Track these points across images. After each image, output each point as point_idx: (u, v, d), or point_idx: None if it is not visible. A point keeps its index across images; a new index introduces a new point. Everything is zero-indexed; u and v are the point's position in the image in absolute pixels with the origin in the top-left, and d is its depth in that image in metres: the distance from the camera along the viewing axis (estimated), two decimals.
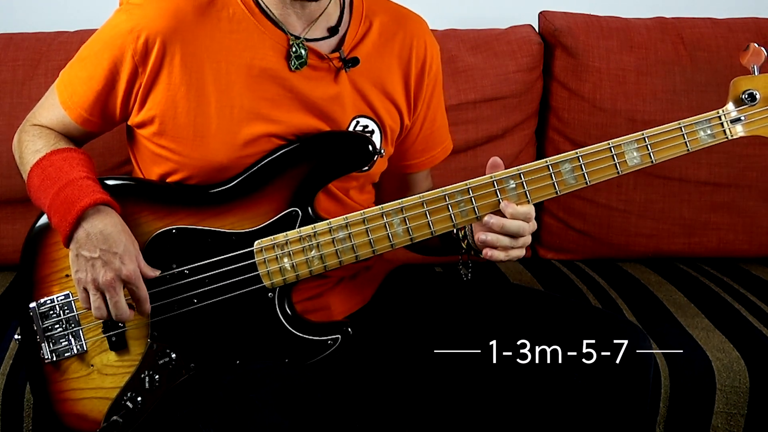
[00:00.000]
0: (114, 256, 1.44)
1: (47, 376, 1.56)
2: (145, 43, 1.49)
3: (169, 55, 1.50)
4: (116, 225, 1.46)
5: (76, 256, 1.47)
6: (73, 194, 1.46)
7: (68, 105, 1.58)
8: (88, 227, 1.45)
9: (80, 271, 1.46)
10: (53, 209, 1.48)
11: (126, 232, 1.47)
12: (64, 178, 1.49)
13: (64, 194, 1.47)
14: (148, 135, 1.56)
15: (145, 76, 1.51)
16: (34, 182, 1.53)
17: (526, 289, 1.83)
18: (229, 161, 1.52)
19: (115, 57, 1.51)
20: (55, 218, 1.47)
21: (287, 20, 1.54)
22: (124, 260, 1.45)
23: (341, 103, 1.58)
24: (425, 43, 1.68)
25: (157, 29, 1.49)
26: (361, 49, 1.60)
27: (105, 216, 1.46)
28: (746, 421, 1.80)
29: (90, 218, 1.45)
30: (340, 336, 1.53)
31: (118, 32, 1.52)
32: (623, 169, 1.50)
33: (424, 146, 1.75)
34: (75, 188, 1.47)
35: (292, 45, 1.53)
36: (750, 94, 1.51)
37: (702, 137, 1.52)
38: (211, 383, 1.49)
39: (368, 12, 1.63)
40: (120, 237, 1.45)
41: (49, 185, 1.49)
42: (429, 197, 1.49)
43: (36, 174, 1.53)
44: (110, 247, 1.44)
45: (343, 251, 1.50)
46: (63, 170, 1.51)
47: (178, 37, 1.50)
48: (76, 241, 1.46)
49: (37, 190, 1.52)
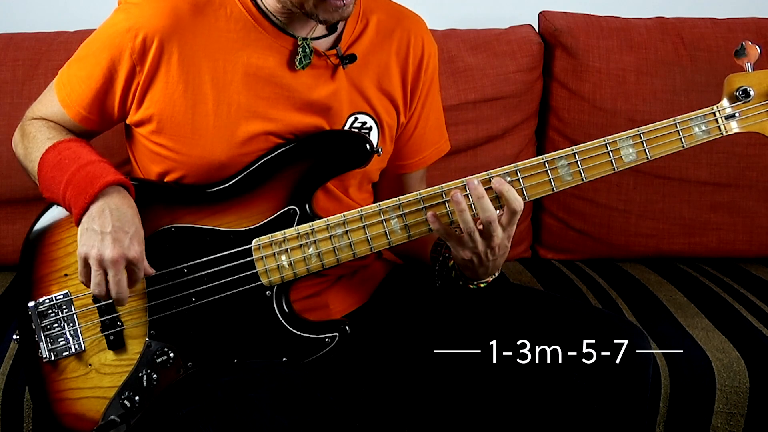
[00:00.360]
0: (125, 235, 1.44)
1: (45, 375, 1.56)
2: (142, 42, 1.50)
3: (167, 54, 1.51)
4: (132, 207, 1.47)
5: (86, 229, 1.45)
6: (96, 171, 1.47)
7: (67, 103, 1.59)
8: (106, 202, 1.45)
9: (86, 245, 1.44)
10: (71, 184, 1.47)
11: (140, 218, 1.48)
12: (84, 158, 1.50)
13: (85, 171, 1.47)
14: (146, 133, 1.57)
15: (143, 74, 1.52)
16: (48, 162, 1.53)
17: (526, 289, 1.83)
18: (227, 159, 1.53)
19: (113, 56, 1.52)
20: (72, 192, 1.47)
21: (292, 24, 1.54)
22: (134, 241, 1.45)
23: (339, 99, 1.58)
24: (423, 41, 1.68)
25: (154, 28, 1.50)
26: (358, 46, 1.60)
27: (124, 196, 1.47)
28: (746, 421, 1.80)
29: (110, 195, 1.46)
30: (338, 334, 1.53)
31: (116, 31, 1.52)
32: (619, 165, 1.50)
33: (417, 146, 1.75)
34: (97, 167, 1.48)
35: (299, 45, 1.54)
36: (744, 91, 1.52)
37: (697, 133, 1.52)
38: (210, 382, 1.49)
39: (365, 10, 1.63)
40: (134, 219, 1.46)
41: (68, 163, 1.50)
42: (426, 194, 1.49)
43: (52, 155, 1.53)
44: (123, 225, 1.44)
45: (341, 249, 1.50)
46: (82, 153, 1.52)
47: (176, 36, 1.50)
48: (89, 215, 1.45)
49: (53, 168, 1.52)
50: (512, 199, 1.44)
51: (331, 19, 1.48)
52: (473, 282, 1.56)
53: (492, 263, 1.50)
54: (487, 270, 1.52)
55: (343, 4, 1.45)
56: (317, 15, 1.47)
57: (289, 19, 1.54)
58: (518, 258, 2.38)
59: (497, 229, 1.45)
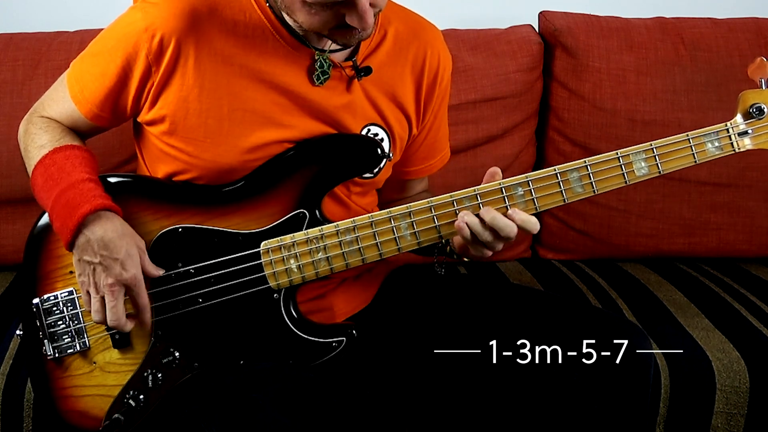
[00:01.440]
0: (115, 262, 1.44)
1: (49, 372, 1.56)
2: (159, 43, 1.48)
3: (184, 56, 1.49)
4: (116, 230, 1.46)
5: (78, 261, 1.48)
6: (74, 199, 1.46)
7: (79, 100, 1.58)
8: (89, 234, 1.45)
9: (82, 275, 1.47)
10: (55, 213, 1.48)
11: (128, 235, 1.47)
12: (65, 180, 1.49)
13: (65, 198, 1.47)
14: (157, 133, 1.56)
15: (158, 75, 1.50)
16: (37, 181, 1.53)
17: (526, 289, 1.83)
18: (238, 164, 1.52)
19: (128, 55, 1.50)
20: (57, 223, 1.48)
21: (310, 36, 1.53)
22: (126, 266, 1.45)
23: (353, 111, 1.58)
24: (439, 54, 1.68)
25: (172, 29, 1.48)
26: (374, 58, 1.60)
27: (105, 222, 1.46)
28: (746, 421, 1.80)
29: (90, 225, 1.45)
30: (344, 338, 1.53)
31: (132, 30, 1.50)
32: (630, 179, 1.51)
33: (425, 155, 1.76)
34: (76, 192, 1.47)
35: (317, 60, 1.53)
36: (758, 108, 1.52)
37: (710, 149, 1.53)
38: (214, 383, 1.49)
39: (383, 21, 1.62)
40: (121, 242, 1.45)
41: (51, 186, 1.49)
42: (437, 202, 1.48)
43: (39, 173, 1.53)
44: (111, 253, 1.44)
45: (350, 254, 1.50)
46: (65, 170, 1.51)
47: (193, 38, 1.49)
48: (77, 247, 1.46)
49: (41, 190, 1.52)
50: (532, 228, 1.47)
51: (350, 44, 1.47)
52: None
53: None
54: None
55: (358, 32, 1.42)
56: (336, 40, 1.46)
57: (308, 33, 1.52)
58: (518, 258, 2.38)
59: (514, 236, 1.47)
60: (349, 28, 1.41)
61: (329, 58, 1.54)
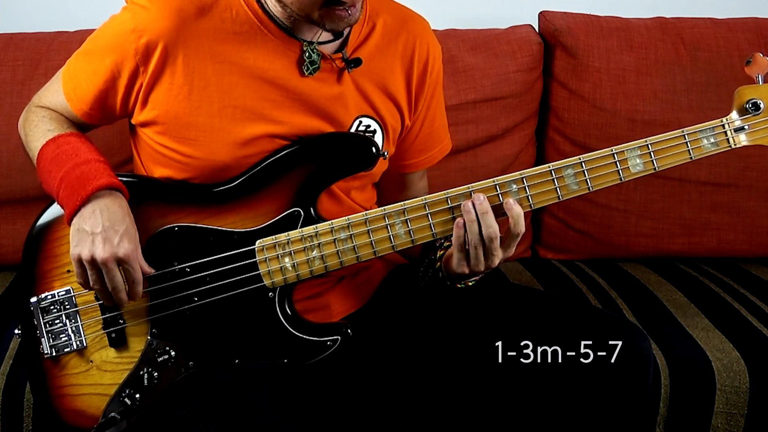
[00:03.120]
0: (115, 233, 1.45)
1: (46, 371, 1.56)
2: (146, 44, 1.50)
3: (172, 57, 1.51)
4: (123, 208, 1.48)
5: (77, 230, 1.47)
6: (89, 172, 1.48)
7: (71, 97, 1.60)
8: (97, 205, 1.46)
9: (79, 245, 1.46)
10: (65, 182, 1.48)
11: (131, 218, 1.48)
12: (81, 156, 1.51)
13: (80, 170, 1.48)
14: (150, 134, 1.57)
15: (146, 76, 1.52)
16: (47, 155, 1.54)
17: (526, 289, 1.83)
18: (231, 161, 1.53)
19: (117, 56, 1.52)
20: (65, 191, 1.48)
21: (298, 27, 1.54)
22: (124, 239, 1.45)
23: (344, 103, 1.58)
24: (428, 44, 1.68)
25: (159, 30, 1.50)
26: (364, 49, 1.60)
27: (115, 199, 1.48)
28: (746, 421, 1.80)
29: (101, 197, 1.46)
30: (339, 337, 1.53)
31: (121, 31, 1.52)
32: (626, 176, 1.50)
33: (423, 146, 1.76)
34: (92, 167, 1.49)
35: (305, 51, 1.54)
36: (754, 104, 1.51)
37: (705, 145, 1.52)
38: (211, 382, 1.49)
39: (372, 13, 1.63)
40: (125, 219, 1.47)
41: (65, 159, 1.51)
42: (431, 200, 1.49)
43: (51, 148, 1.54)
44: (113, 224, 1.45)
45: (345, 252, 1.50)
46: (80, 150, 1.53)
47: (181, 38, 1.50)
48: (80, 216, 1.46)
49: (50, 162, 1.53)
50: (519, 223, 1.45)
51: (338, 28, 1.49)
52: (461, 282, 1.57)
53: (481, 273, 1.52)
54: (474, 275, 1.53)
55: (348, 14, 1.44)
56: (324, 24, 1.47)
57: (295, 24, 1.53)
58: (518, 258, 2.38)
59: (497, 249, 1.46)
60: (338, 4, 1.42)
61: (318, 49, 1.55)
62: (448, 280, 1.58)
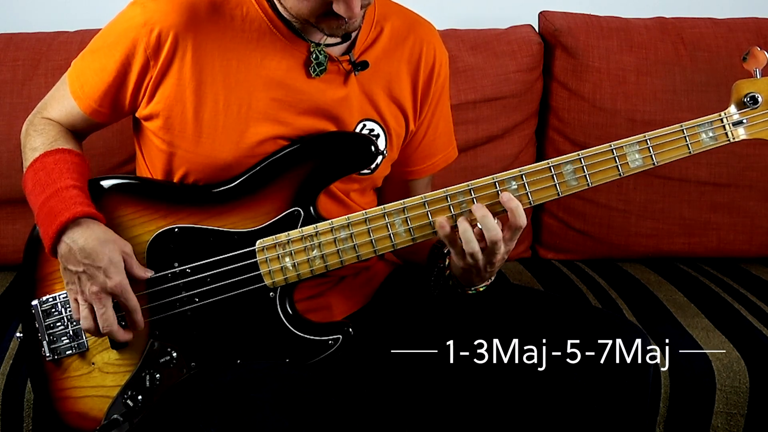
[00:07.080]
0: (98, 270, 1.44)
1: (48, 373, 1.56)
2: (158, 37, 1.49)
3: (181, 51, 1.51)
4: (98, 237, 1.46)
5: (63, 270, 1.48)
6: (55, 207, 1.47)
7: (78, 95, 1.59)
8: (69, 242, 1.45)
9: (69, 283, 1.48)
10: (39, 220, 1.50)
11: (111, 241, 1.47)
12: (51, 187, 1.50)
13: (48, 206, 1.48)
14: (154, 129, 1.56)
15: (156, 69, 1.52)
16: (27, 186, 1.55)
17: (526, 289, 1.83)
18: (233, 160, 1.53)
19: (127, 50, 1.52)
20: (41, 230, 1.49)
21: (307, 29, 1.54)
22: (109, 273, 1.45)
23: (349, 106, 1.58)
24: (435, 49, 1.68)
25: (170, 24, 1.49)
26: (371, 53, 1.60)
27: (85, 229, 1.46)
28: (746, 421, 1.80)
29: (70, 232, 1.46)
30: (341, 336, 1.53)
31: (131, 25, 1.52)
32: (625, 171, 1.50)
33: (426, 153, 1.76)
34: (58, 200, 1.48)
35: (312, 52, 1.54)
36: (752, 97, 1.51)
37: (704, 139, 1.51)
38: (212, 383, 1.49)
39: (380, 17, 1.63)
40: (103, 249, 1.45)
41: (38, 192, 1.51)
42: (431, 197, 1.48)
43: (29, 177, 1.55)
44: (93, 261, 1.44)
45: (345, 251, 1.50)
46: (51, 177, 1.51)
47: (191, 33, 1.50)
48: (60, 256, 1.47)
49: (30, 195, 1.54)
50: (519, 215, 1.45)
51: (336, 34, 1.49)
52: (471, 288, 1.57)
53: (489, 273, 1.51)
54: (483, 278, 1.53)
55: (344, 22, 1.44)
56: (323, 29, 1.47)
57: (304, 25, 1.53)
58: (518, 258, 2.38)
59: (501, 248, 1.46)
60: (335, 16, 1.42)
61: (326, 51, 1.55)
62: (458, 288, 1.58)
